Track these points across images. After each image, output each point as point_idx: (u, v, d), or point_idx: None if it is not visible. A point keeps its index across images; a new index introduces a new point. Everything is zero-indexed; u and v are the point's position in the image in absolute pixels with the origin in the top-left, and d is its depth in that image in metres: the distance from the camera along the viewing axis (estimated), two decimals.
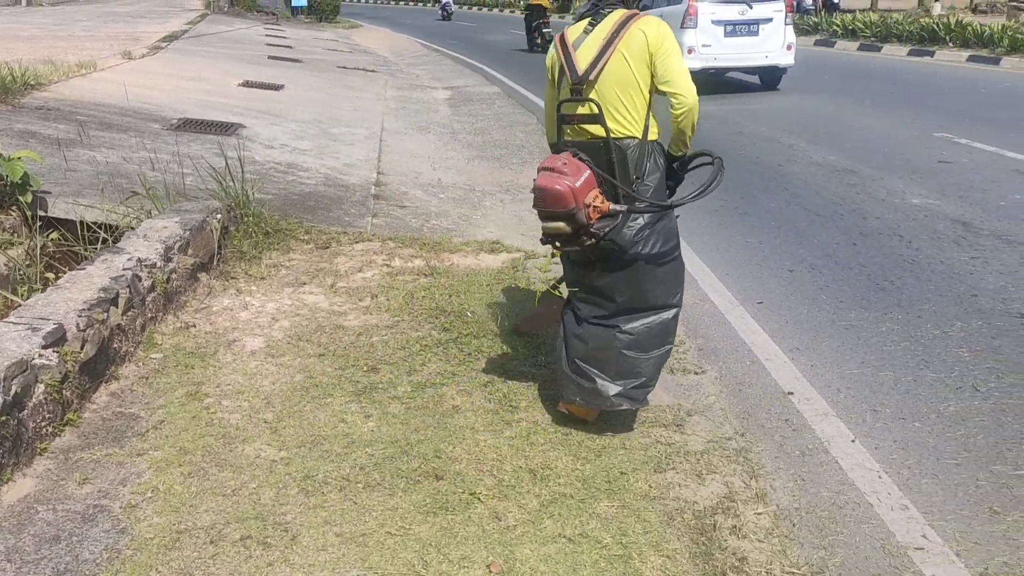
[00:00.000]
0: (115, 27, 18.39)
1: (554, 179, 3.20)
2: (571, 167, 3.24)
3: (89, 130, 7.30)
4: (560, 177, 3.20)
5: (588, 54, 3.35)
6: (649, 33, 3.29)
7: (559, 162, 3.26)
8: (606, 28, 3.35)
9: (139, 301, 4.11)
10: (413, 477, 3.19)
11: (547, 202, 3.22)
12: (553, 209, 3.23)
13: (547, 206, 3.24)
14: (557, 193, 3.19)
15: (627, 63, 3.29)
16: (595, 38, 3.36)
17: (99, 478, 3.14)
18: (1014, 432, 3.55)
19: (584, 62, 3.34)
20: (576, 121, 3.39)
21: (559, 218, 3.25)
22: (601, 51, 3.31)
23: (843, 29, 20.98)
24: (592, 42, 3.36)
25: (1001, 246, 5.71)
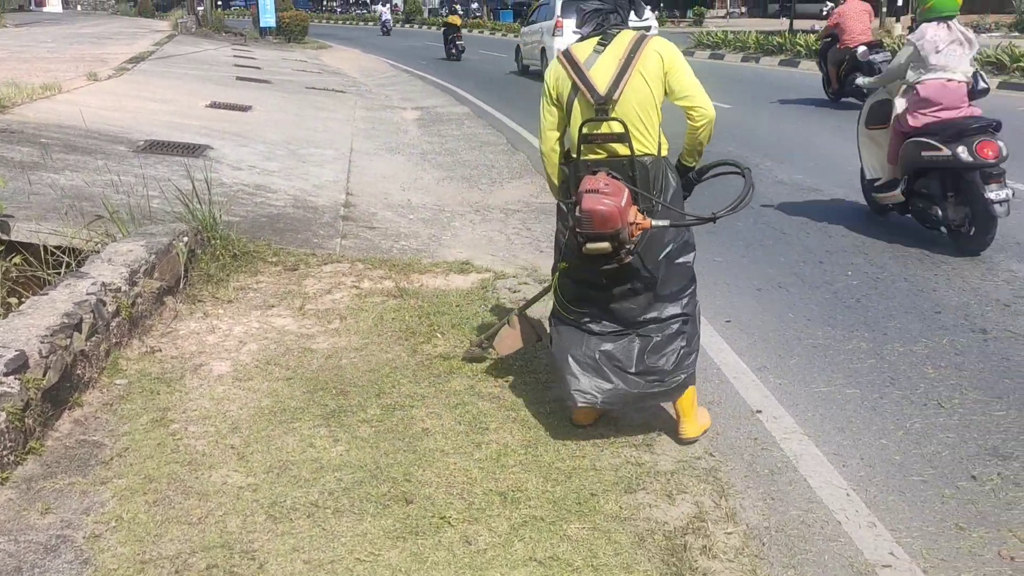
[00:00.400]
0: (81, 48, 18.26)
1: (601, 200, 3.23)
2: (613, 187, 3.28)
3: (53, 153, 7.23)
4: (605, 198, 3.23)
5: (606, 73, 3.39)
6: (664, 53, 3.40)
7: (601, 183, 3.28)
8: (620, 48, 3.41)
9: (103, 326, 4.06)
10: (383, 502, 3.16)
11: (595, 224, 3.24)
12: (602, 231, 3.25)
13: (595, 228, 3.25)
14: (606, 214, 3.22)
15: (646, 82, 3.37)
16: (610, 58, 3.41)
17: (62, 508, 3.08)
18: (978, 448, 3.59)
19: (603, 82, 3.38)
20: (601, 140, 3.43)
21: (604, 239, 3.28)
22: (620, 71, 3.37)
23: (807, 50, 21.27)
24: (607, 62, 3.40)
25: (962, 263, 5.80)
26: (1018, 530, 3.05)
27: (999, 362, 4.36)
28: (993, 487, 3.31)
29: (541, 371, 4.28)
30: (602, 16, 3.51)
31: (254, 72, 17.91)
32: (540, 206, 7.86)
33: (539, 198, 8.17)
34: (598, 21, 3.51)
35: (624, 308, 3.56)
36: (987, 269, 5.65)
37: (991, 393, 4.05)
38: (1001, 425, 3.76)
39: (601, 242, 3.29)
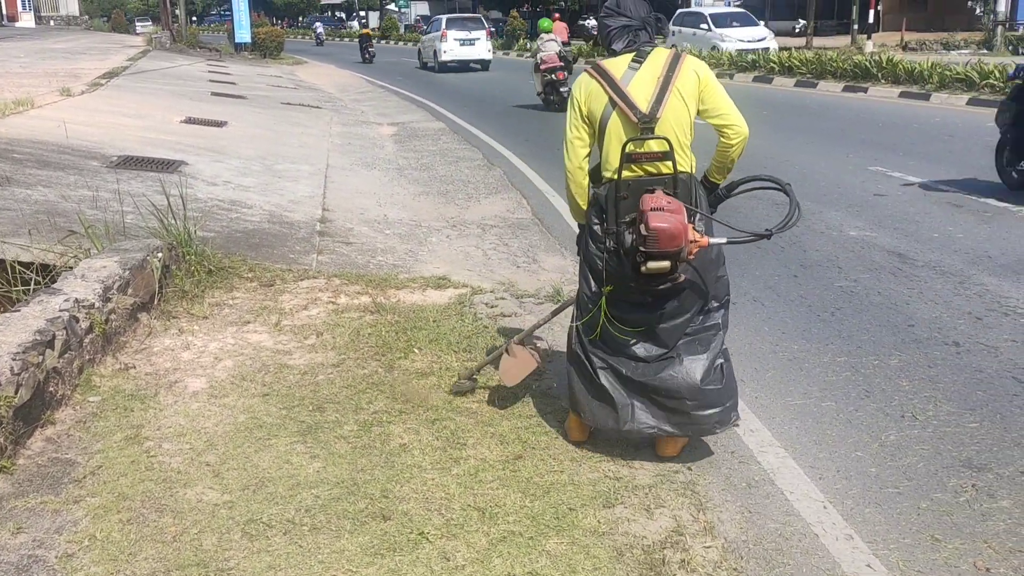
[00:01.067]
0: (54, 64, 18.13)
1: (669, 218, 3.14)
2: (675, 205, 3.20)
3: (25, 168, 7.16)
4: (671, 215, 3.15)
5: (645, 91, 3.35)
6: (700, 73, 3.40)
7: (664, 201, 3.20)
8: (657, 66, 3.37)
9: (76, 343, 4.01)
10: (360, 518, 3.14)
11: (662, 243, 3.14)
12: (667, 249, 3.16)
13: (662, 247, 3.15)
14: (673, 232, 3.13)
15: (683, 101, 3.35)
16: (647, 75, 3.37)
17: (34, 527, 3.04)
18: (952, 460, 3.62)
19: (644, 99, 3.33)
20: (645, 159, 3.35)
21: (667, 257, 3.20)
22: (661, 89, 3.33)
23: (780, 66, 21.52)
24: (645, 79, 3.37)
25: (935, 276, 5.87)
26: (993, 541, 3.08)
27: (972, 374, 4.40)
28: (968, 499, 3.34)
29: (518, 386, 4.27)
30: (632, 32, 3.47)
31: (229, 88, 17.86)
32: (517, 221, 7.88)
33: (516, 213, 8.19)
34: (629, 37, 3.46)
35: (672, 327, 3.48)
36: (959, 282, 5.72)
37: (964, 405, 4.09)
38: (975, 437, 3.80)
39: (663, 260, 3.21)
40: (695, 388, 3.43)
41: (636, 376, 3.48)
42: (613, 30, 3.48)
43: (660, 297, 3.42)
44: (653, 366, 3.48)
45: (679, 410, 3.45)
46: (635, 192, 3.34)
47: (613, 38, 3.49)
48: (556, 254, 6.79)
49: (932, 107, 15.57)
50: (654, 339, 3.49)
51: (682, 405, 3.44)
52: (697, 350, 3.50)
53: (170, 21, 35.57)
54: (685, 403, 3.44)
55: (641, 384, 3.47)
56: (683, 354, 3.48)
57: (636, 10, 3.48)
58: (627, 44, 3.46)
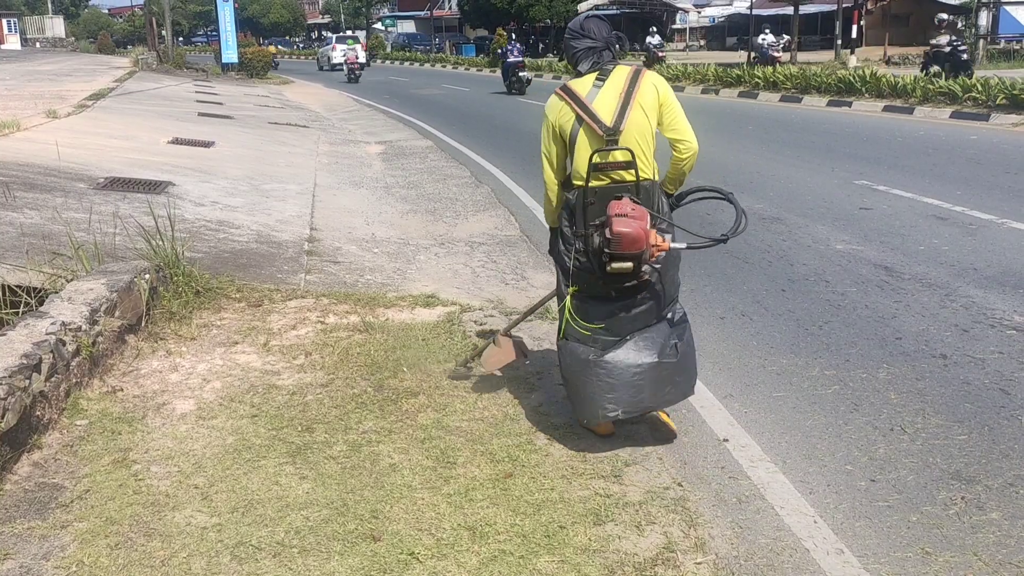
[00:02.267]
0: (40, 86, 18.10)
1: (631, 224, 3.42)
2: (638, 212, 3.48)
3: (12, 191, 7.13)
4: (634, 221, 3.43)
5: (609, 106, 3.60)
6: (659, 88, 3.67)
7: (628, 208, 3.48)
8: (619, 82, 3.64)
9: (63, 366, 3.99)
10: (350, 539, 3.12)
11: (624, 246, 3.44)
12: (629, 251, 3.45)
13: (624, 249, 3.45)
14: (636, 237, 3.42)
15: (644, 113, 3.61)
16: (610, 91, 3.63)
17: (20, 553, 3.01)
18: (942, 472, 3.63)
19: (608, 113, 3.59)
20: (611, 168, 3.62)
21: (629, 259, 3.49)
22: (623, 103, 3.59)
23: (765, 81, 21.67)
24: (608, 95, 3.62)
25: (921, 289, 5.90)
26: (983, 553, 3.08)
27: (959, 387, 4.42)
28: (957, 511, 3.35)
29: (508, 404, 4.27)
30: (596, 54, 3.71)
31: (216, 108, 17.87)
32: (505, 239, 7.89)
33: (504, 231, 8.20)
34: (593, 59, 3.71)
35: (634, 318, 3.76)
36: (945, 295, 5.75)
37: (952, 417, 4.10)
38: (963, 449, 3.81)
39: (625, 262, 3.50)
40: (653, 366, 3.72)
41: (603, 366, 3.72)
42: (579, 51, 3.74)
43: (623, 294, 3.71)
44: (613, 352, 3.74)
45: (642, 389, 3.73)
46: (602, 198, 3.62)
47: (579, 59, 3.74)
48: (544, 271, 6.80)
49: (916, 121, 15.70)
50: (621, 329, 3.77)
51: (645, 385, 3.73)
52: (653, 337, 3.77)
53: (156, 42, 35.58)
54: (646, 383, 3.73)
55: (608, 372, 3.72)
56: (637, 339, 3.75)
57: (599, 32, 3.73)
58: (592, 65, 3.71)
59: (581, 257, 3.69)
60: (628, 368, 3.70)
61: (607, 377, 3.71)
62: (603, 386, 3.72)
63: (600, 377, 3.72)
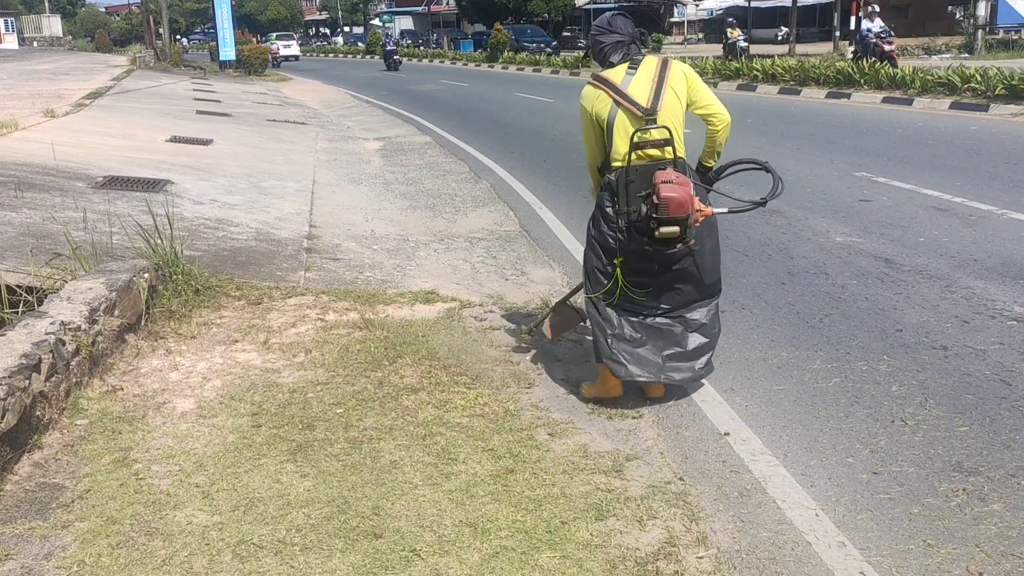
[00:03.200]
0: (37, 85, 18.09)
1: (677, 189, 3.71)
2: (681, 179, 3.77)
3: (9, 190, 7.12)
4: (677, 187, 3.72)
5: (643, 90, 3.91)
6: (687, 74, 4.00)
7: (672, 176, 3.77)
8: (650, 70, 3.96)
9: (63, 366, 3.99)
10: (351, 537, 3.12)
11: (672, 210, 3.72)
12: (677, 215, 3.73)
13: (672, 213, 3.72)
14: (683, 200, 3.71)
15: (676, 96, 3.92)
16: (643, 78, 3.94)
17: (22, 553, 3.01)
18: (943, 464, 3.63)
19: (643, 97, 3.90)
20: (650, 146, 3.91)
21: (676, 223, 3.76)
22: (657, 87, 3.91)
23: (763, 74, 21.63)
24: (641, 81, 3.93)
25: (922, 281, 5.89)
26: (985, 545, 3.08)
27: (960, 378, 4.42)
28: (959, 503, 3.35)
29: (508, 400, 4.27)
30: (624, 47, 4.01)
31: (214, 106, 17.84)
32: (505, 234, 7.88)
33: (503, 226, 8.20)
34: (623, 51, 4.01)
35: (678, 290, 4.10)
36: (945, 287, 5.75)
37: (954, 409, 4.10)
38: (965, 441, 3.80)
39: (673, 226, 3.77)
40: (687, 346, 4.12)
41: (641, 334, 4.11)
42: (607, 46, 4.03)
43: (665, 265, 4.01)
44: (657, 323, 4.12)
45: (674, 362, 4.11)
46: (642, 176, 3.90)
47: (608, 52, 4.03)
48: (544, 266, 6.79)
49: (915, 112, 15.67)
50: (660, 299, 4.11)
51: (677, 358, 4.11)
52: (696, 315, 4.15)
53: (154, 40, 35.55)
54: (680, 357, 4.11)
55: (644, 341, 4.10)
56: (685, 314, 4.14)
57: (625, 27, 4.04)
58: (622, 56, 4.01)
59: (622, 234, 3.98)
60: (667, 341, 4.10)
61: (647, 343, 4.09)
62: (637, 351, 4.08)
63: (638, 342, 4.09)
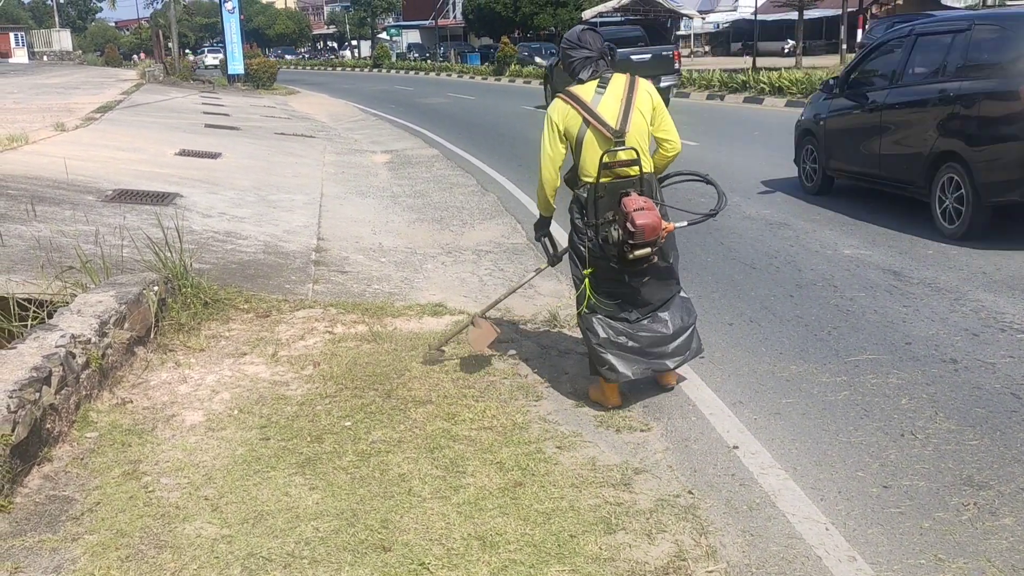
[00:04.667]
0: (48, 99, 18.20)
1: (649, 216, 3.96)
2: (649, 203, 4.02)
3: (21, 204, 7.17)
4: (651, 213, 3.98)
5: (612, 110, 4.07)
6: (652, 94, 4.20)
7: (641, 202, 4.00)
8: (619, 89, 4.11)
9: (73, 379, 4.00)
10: (360, 550, 3.12)
11: (648, 235, 3.97)
12: (651, 239, 4.00)
13: (648, 238, 3.98)
14: (655, 225, 3.98)
15: (643, 116, 4.11)
16: (612, 97, 4.09)
17: (32, 566, 3.01)
18: (954, 478, 3.61)
19: (613, 118, 4.06)
20: (619, 165, 4.10)
21: (649, 245, 4.02)
22: (625, 108, 4.07)
23: (771, 87, 21.66)
24: (610, 100, 4.09)
25: (931, 294, 5.88)
26: (996, 560, 3.06)
27: (971, 391, 4.40)
28: (970, 517, 3.33)
29: (516, 413, 4.27)
30: (593, 63, 4.14)
31: (223, 119, 17.93)
32: (512, 247, 7.89)
33: (510, 239, 8.21)
34: (592, 68, 4.14)
35: (648, 295, 4.32)
36: (955, 299, 5.73)
37: (964, 422, 4.08)
38: (975, 454, 3.79)
39: (646, 248, 4.03)
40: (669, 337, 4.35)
41: (626, 336, 4.29)
42: (576, 61, 4.17)
43: (635, 275, 4.22)
44: (637, 325, 4.31)
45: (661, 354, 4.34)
46: (610, 192, 4.11)
47: (577, 68, 4.17)
48: (551, 279, 6.79)
49: None
50: (635, 305, 4.32)
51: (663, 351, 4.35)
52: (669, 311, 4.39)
53: (163, 54, 35.76)
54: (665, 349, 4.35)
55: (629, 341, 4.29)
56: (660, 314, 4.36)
57: (594, 43, 4.16)
58: (591, 73, 4.15)
59: (595, 246, 4.18)
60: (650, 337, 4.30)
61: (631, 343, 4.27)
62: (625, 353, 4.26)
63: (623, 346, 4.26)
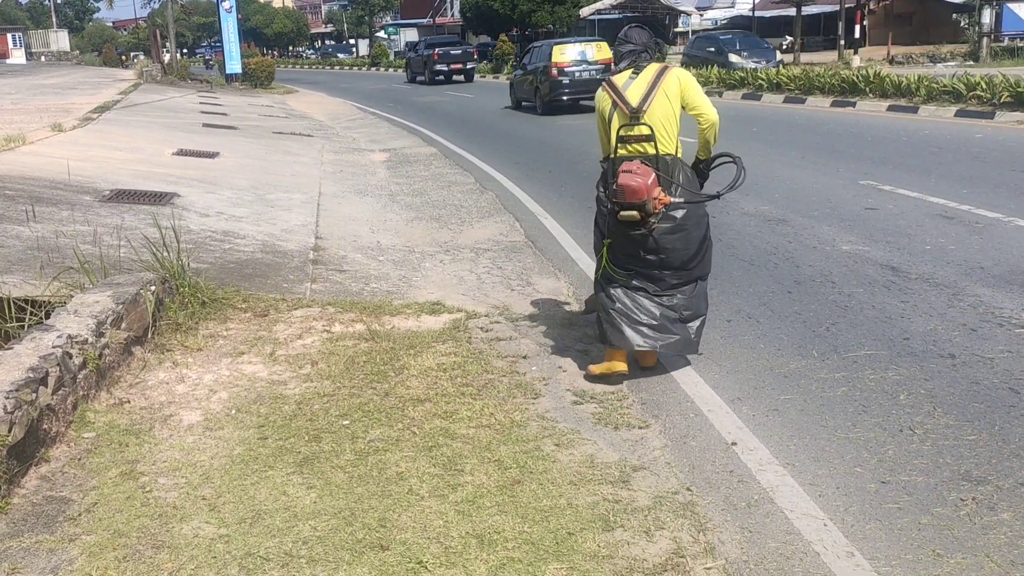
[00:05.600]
0: (45, 99, 18.18)
1: (631, 178, 4.29)
2: (642, 170, 4.35)
3: (17, 204, 7.16)
4: (635, 176, 4.29)
5: (637, 93, 4.48)
6: (682, 79, 4.55)
7: (633, 167, 4.36)
8: (649, 75, 4.53)
9: (70, 379, 3.99)
10: (358, 549, 3.12)
11: (626, 195, 4.29)
12: (632, 201, 4.29)
13: (626, 199, 4.30)
14: (635, 188, 4.27)
15: (668, 100, 4.47)
16: (641, 82, 4.52)
17: (29, 567, 3.01)
18: (952, 473, 3.61)
19: (635, 99, 4.47)
20: (632, 140, 4.50)
21: (633, 208, 4.31)
22: (648, 91, 4.47)
23: (768, 83, 21.64)
24: (639, 85, 4.51)
25: (928, 289, 5.88)
26: (995, 555, 3.06)
27: (968, 386, 4.40)
28: (968, 512, 3.33)
29: (514, 411, 4.27)
30: (635, 55, 4.63)
31: (221, 119, 17.91)
32: (510, 244, 7.88)
33: (509, 237, 8.20)
34: (632, 58, 4.61)
35: (662, 273, 4.59)
36: (952, 295, 5.73)
37: (962, 417, 4.08)
38: (973, 449, 3.79)
39: (631, 210, 4.32)
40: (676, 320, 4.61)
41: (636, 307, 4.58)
42: (622, 54, 4.67)
43: (648, 251, 4.52)
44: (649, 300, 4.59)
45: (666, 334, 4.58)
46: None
47: (619, 59, 4.68)
48: (550, 276, 6.79)
49: (920, 120, 15.66)
50: (649, 280, 4.61)
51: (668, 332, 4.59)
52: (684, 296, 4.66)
53: (160, 54, 35.72)
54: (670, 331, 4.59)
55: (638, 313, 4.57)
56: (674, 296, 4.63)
57: (639, 38, 4.68)
58: (629, 63, 4.62)
59: (611, 216, 4.51)
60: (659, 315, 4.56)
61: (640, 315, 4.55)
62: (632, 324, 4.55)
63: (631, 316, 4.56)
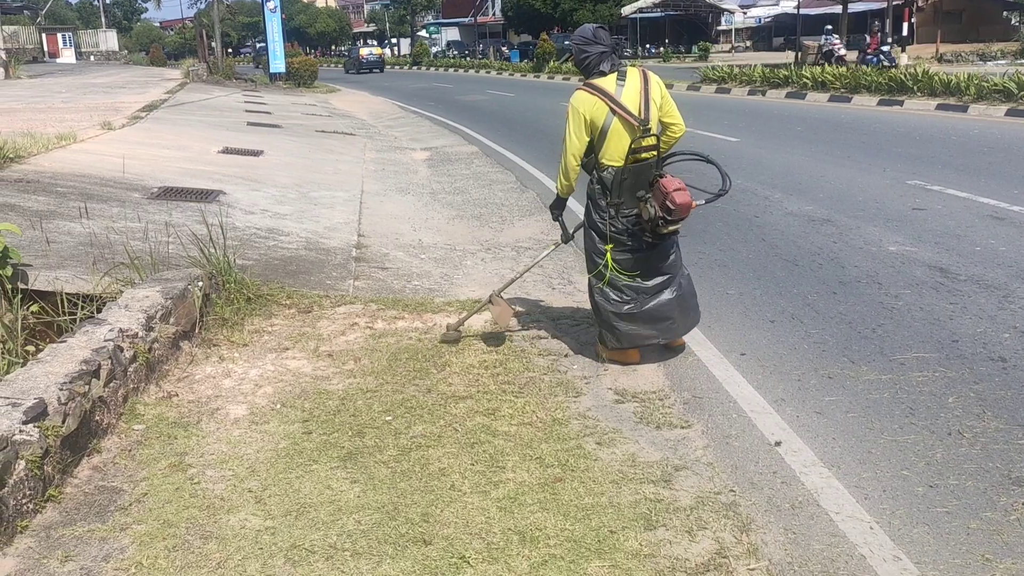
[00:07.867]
0: (94, 98, 18.52)
1: (685, 196, 4.41)
2: (682, 183, 4.48)
3: (69, 201, 7.31)
4: (685, 192, 4.42)
5: (633, 101, 4.48)
6: (660, 84, 4.61)
7: (678, 183, 4.47)
8: (636, 81, 4.52)
9: (121, 372, 4.07)
10: (401, 543, 3.15)
11: (684, 212, 4.44)
12: (686, 216, 4.48)
13: (683, 215, 4.46)
14: (691, 204, 4.45)
15: (656, 105, 4.54)
16: (631, 89, 4.49)
17: (81, 555, 3.08)
18: (1002, 477, 3.55)
19: (635, 108, 4.47)
20: (643, 151, 4.54)
21: (681, 220, 4.50)
22: (644, 98, 4.49)
23: (813, 81, 21.40)
24: (631, 92, 4.49)
25: (978, 291, 5.78)
26: None
27: (1020, 390, 4.32)
28: (1019, 517, 3.27)
29: (556, 409, 4.27)
30: (609, 57, 4.52)
31: (265, 117, 18.12)
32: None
33: (550, 235, 8.19)
34: (610, 61, 4.51)
35: (661, 266, 4.76)
36: (1003, 296, 5.63)
37: (1013, 421, 4.01)
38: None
39: (679, 224, 4.54)
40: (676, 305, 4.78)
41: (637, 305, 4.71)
42: (592, 56, 4.54)
43: (651, 248, 4.67)
44: (649, 296, 4.72)
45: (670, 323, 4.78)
46: (634, 175, 4.56)
47: (594, 62, 4.53)
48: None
49: (970, 119, 15.39)
50: (649, 276, 4.75)
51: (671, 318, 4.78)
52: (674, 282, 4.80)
53: (207, 54, 36.22)
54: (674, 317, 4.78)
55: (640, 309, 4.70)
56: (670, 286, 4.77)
57: (607, 39, 4.56)
58: (611, 66, 4.52)
59: (617, 223, 4.64)
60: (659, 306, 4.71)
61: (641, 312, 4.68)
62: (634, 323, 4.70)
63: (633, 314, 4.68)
